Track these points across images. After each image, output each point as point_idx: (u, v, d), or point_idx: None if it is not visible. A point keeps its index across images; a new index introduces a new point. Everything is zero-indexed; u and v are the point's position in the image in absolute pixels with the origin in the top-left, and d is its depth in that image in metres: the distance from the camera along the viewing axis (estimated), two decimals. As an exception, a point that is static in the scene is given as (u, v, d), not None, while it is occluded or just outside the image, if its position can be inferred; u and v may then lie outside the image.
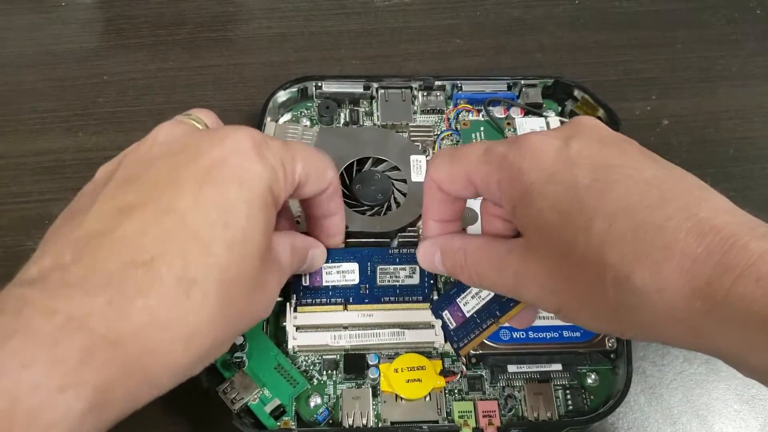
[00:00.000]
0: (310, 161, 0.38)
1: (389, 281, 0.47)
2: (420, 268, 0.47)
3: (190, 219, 0.31)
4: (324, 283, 0.46)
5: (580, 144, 0.33)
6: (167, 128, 0.36)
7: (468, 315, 0.42)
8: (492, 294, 0.41)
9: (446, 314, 0.43)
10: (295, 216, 0.48)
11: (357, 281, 0.47)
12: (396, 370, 0.44)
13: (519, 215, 0.35)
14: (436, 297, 0.46)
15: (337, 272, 0.47)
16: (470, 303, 0.42)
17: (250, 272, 0.33)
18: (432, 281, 0.47)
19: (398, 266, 0.48)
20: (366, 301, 0.46)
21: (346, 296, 0.46)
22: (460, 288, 0.43)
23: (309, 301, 0.46)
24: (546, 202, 0.33)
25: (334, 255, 0.47)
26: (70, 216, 0.34)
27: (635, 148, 0.34)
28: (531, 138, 0.35)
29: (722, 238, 0.28)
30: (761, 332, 0.26)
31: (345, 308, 0.46)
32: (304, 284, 0.46)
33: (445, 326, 0.44)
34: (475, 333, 0.42)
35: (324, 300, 0.46)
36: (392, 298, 0.46)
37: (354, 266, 0.47)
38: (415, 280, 0.47)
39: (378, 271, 0.47)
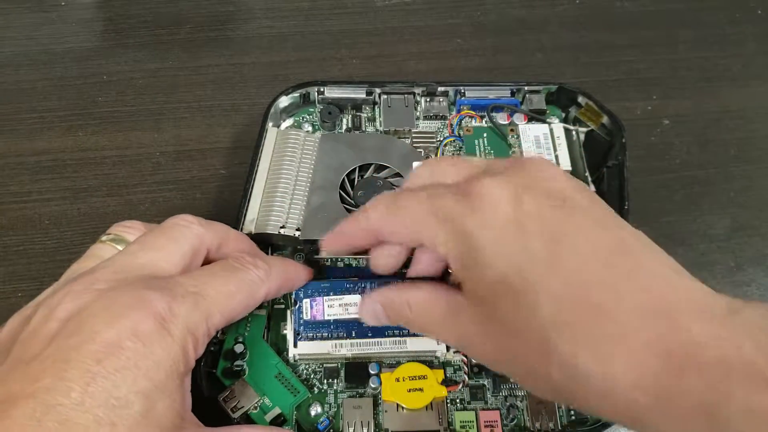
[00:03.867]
0: (229, 301, 0.37)
1: None
2: None
3: (73, 418, 0.28)
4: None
5: (532, 202, 0.32)
6: (69, 299, 0.33)
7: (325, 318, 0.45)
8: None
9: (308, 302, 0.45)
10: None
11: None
12: (397, 380, 0.44)
13: (466, 276, 0.34)
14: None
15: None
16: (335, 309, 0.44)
17: None
18: None
19: None
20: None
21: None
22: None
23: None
24: (493, 271, 0.32)
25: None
26: None
27: (585, 207, 0.33)
28: (480, 192, 0.33)
29: (669, 321, 0.28)
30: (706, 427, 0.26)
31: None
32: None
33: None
34: None
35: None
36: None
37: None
38: None
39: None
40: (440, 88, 0.57)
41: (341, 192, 0.51)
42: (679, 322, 0.28)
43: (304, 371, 0.46)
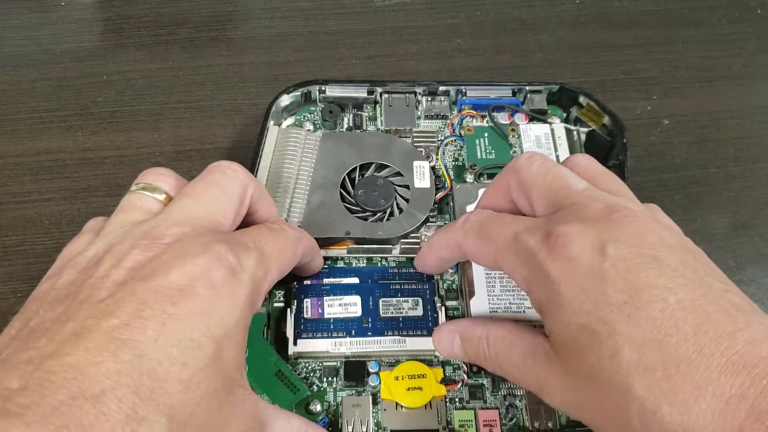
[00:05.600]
0: (282, 257, 0.39)
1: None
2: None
3: (148, 353, 0.29)
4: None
5: (617, 254, 0.32)
6: (138, 251, 0.32)
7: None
8: None
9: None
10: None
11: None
12: (396, 378, 0.44)
13: (545, 316, 0.35)
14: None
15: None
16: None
17: (204, 414, 0.31)
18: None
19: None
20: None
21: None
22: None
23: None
24: (574, 318, 0.32)
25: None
26: (24, 327, 0.31)
27: (675, 259, 0.32)
28: (564, 239, 0.34)
29: (755, 377, 0.27)
30: None
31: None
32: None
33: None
34: None
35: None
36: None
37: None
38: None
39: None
40: (441, 88, 0.57)
41: (342, 191, 0.51)
42: (765, 378, 0.27)
43: (304, 369, 0.46)
